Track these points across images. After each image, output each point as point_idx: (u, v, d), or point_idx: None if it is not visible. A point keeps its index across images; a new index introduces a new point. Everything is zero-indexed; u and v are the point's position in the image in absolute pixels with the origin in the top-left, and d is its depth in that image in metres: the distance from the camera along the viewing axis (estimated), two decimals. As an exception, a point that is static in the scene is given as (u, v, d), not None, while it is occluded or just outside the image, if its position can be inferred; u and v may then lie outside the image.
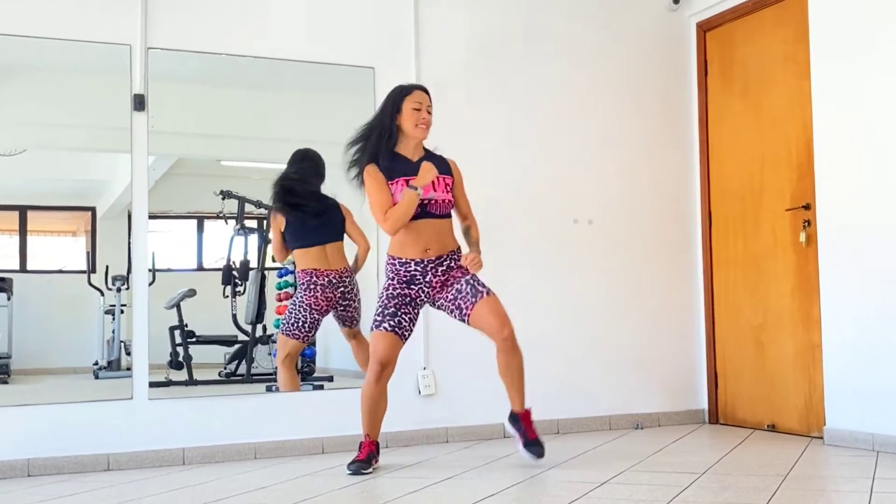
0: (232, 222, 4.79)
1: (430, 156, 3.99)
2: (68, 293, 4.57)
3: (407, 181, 3.84)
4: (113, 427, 4.17)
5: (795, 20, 4.74)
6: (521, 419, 3.96)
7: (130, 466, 4.15)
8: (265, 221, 4.83)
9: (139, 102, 4.31)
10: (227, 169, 4.91)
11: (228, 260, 4.83)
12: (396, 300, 3.88)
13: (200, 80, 4.60)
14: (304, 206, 4.65)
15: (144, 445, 4.21)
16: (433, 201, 3.87)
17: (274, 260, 4.81)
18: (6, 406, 4.05)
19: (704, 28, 5.40)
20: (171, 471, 4.07)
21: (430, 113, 3.95)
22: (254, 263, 4.84)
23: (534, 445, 3.91)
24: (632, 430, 5.07)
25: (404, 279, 3.88)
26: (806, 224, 4.67)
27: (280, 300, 4.80)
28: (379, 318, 3.87)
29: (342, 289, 4.62)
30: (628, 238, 5.28)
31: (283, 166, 4.94)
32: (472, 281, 3.90)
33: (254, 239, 4.84)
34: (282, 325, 4.64)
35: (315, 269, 4.60)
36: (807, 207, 4.67)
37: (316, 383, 4.67)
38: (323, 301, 4.58)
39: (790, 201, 4.79)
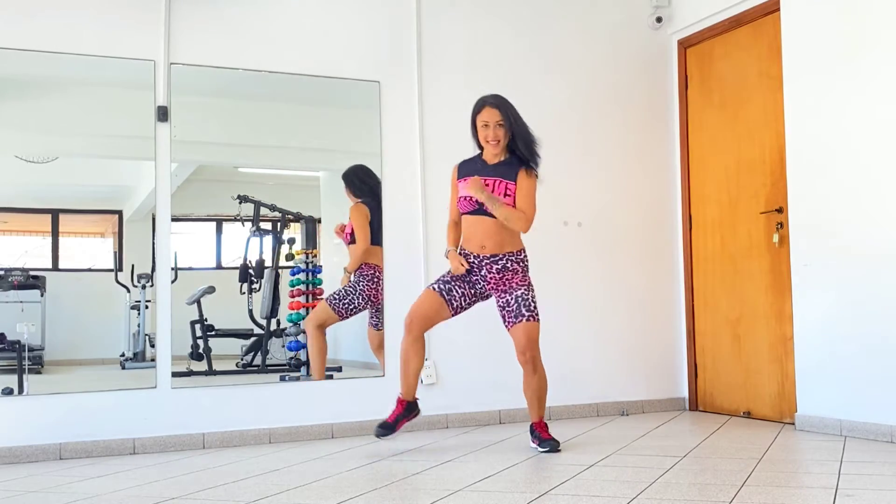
0: (248, 224, 4.79)
1: (505, 162, 3.91)
2: (97, 290, 4.56)
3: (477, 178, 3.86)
4: (138, 414, 4.17)
5: (769, 38, 4.74)
6: (535, 427, 3.97)
7: (154, 450, 4.15)
8: (279, 224, 4.83)
9: (162, 114, 4.31)
10: (244, 175, 4.90)
11: (245, 259, 4.83)
12: (456, 276, 3.94)
13: (219, 92, 4.59)
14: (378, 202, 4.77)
15: (167, 431, 4.21)
16: (485, 205, 3.85)
17: (289, 259, 4.81)
18: (40, 394, 4.05)
19: (685, 45, 5.40)
20: (192, 454, 4.07)
21: (501, 126, 3.85)
22: (268, 262, 4.83)
23: (546, 441, 3.90)
24: (618, 417, 5.06)
25: (468, 267, 3.94)
26: (779, 226, 4.66)
27: (293, 296, 4.80)
28: (434, 282, 3.97)
29: (384, 284, 4.71)
30: (615, 239, 5.27)
31: (296, 173, 4.96)
32: (521, 300, 3.86)
33: (268, 240, 4.83)
34: (331, 299, 4.68)
35: (378, 266, 4.70)
36: (779, 211, 4.66)
37: (326, 373, 4.66)
38: (381, 296, 4.69)
39: (764, 205, 4.78)
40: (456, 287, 3.92)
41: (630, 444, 4.03)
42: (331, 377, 4.65)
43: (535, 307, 3.89)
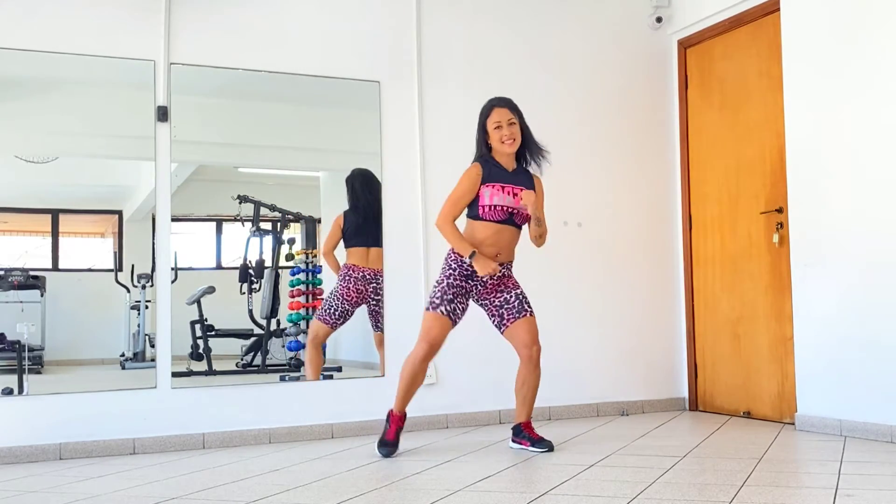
0: (248, 224, 4.79)
1: (520, 170, 3.94)
2: (97, 290, 4.56)
3: (503, 188, 3.82)
4: (138, 414, 4.17)
5: (769, 38, 4.74)
6: (524, 428, 3.94)
7: (154, 450, 4.15)
8: (279, 224, 4.84)
9: (162, 114, 4.31)
10: (244, 175, 4.90)
11: (245, 259, 4.83)
12: (455, 289, 3.84)
13: (219, 92, 4.59)
14: (362, 212, 4.76)
15: (167, 431, 4.21)
16: (519, 212, 3.85)
17: (289, 259, 4.82)
18: (40, 394, 4.05)
19: (685, 45, 5.40)
20: (192, 454, 4.07)
21: (512, 124, 3.86)
22: (268, 262, 4.83)
23: (541, 442, 3.88)
24: (618, 417, 5.06)
25: (465, 273, 3.84)
26: (779, 226, 4.67)
27: (293, 297, 4.80)
28: (437, 301, 3.82)
29: (375, 284, 4.69)
30: (615, 239, 5.27)
31: (296, 173, 4.96)
32: (521, 296, 3.90)
33: (268, 240, 4.83)
34: (317, 312, 4.71)
35: (354, 265, 4.71)
36: (779, 211, 4.66)
37: (326, 373, 4.67)
38: (354, 292, 4.67)
39: (764, 205, 4.79)
40: (458, 306, 3.85)
41: (630, 444, 4.03)
42: (331, 377, 4.65)
43: (530, 303, 3.96)
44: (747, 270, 4.90)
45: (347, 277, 4.70)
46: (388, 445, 3.86)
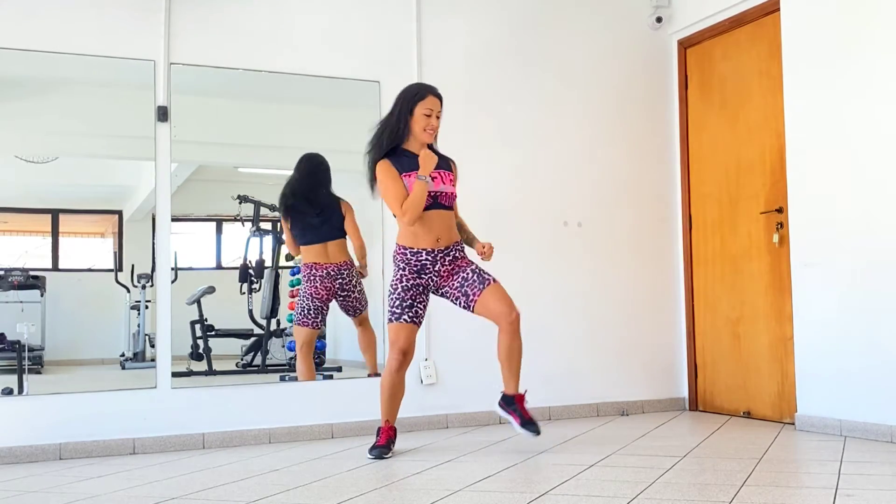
0: (248, 224, 4.79)
1: (431, 151, 3.90)
2: (97, 290, 4.56)
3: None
4: (138, 414, 4.17)
5: (769, 38, 4.74)
6: (516, 401, 3.89)
7: (154, 450, 4.15)
8: (279, 224, 4.84)
9: (162, 114, 4.31)
10: (244, 175, 4.90)
11: (245, 259, 4.83)
12: (411, 291, 3.82)
13: (219, 92, 4.59)
14: (300, 208, 4.70)
15: (167, 431, 4.21)
16: (442, 193, 3.82)
17: (289, 259, 4.82)
18: (40, 394, 4.05)
19: (685, 45, 5.40)
20: (192, 454, 4.07)
21: (438, 118, 3.87)
22: (268, 262, 4.83)
23: (531, 424, 3.85)
24: (617, 417, 5.06)
25: (415, 268, 3.82)
26: (779, 226, 4.67)
27: (293, 296, 4.80)
28: (398, 311, 3.81)
29: (340, 280, 4.65)
30: (614, 239, 5.27)
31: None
32: (477, 270, 3.85)
33: (268, 240, 4.83)
34: (294, 318, 4.66)
35: (315, 263, 4.65)
36: (780, 211, 4.66)
37: (326, 373, 4.67)
38: (323, 291, 4.63)
39: (764, 205, 4.79)
40: (418, 306, 3.83)
41: (630, 444, 4.03)
42: (331, 377, 4.65)
43: (489, 273, 3.86)
44: (747, 270, 4.90)
45: (312, 277, 4.64)
46: (380, 448, 3.83)
